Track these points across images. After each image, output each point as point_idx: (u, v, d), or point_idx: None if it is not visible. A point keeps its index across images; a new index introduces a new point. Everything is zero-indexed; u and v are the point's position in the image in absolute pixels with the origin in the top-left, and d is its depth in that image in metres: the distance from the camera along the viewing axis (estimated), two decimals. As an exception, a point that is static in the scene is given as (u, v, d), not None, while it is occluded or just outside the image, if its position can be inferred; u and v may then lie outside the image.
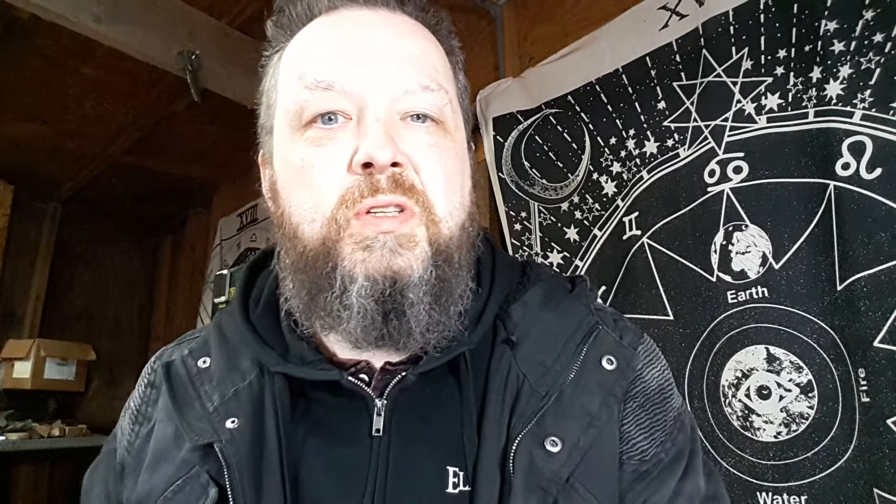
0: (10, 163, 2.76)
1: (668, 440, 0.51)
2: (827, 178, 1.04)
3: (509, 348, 0.50)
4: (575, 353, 0.50)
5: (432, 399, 0.49)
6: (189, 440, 0.48)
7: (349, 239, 0.44)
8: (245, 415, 0.48)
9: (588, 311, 0.54)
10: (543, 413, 0.46)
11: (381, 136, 0.44)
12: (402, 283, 0.44)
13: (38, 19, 1.52)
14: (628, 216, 1.35)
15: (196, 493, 0.47)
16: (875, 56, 1.00)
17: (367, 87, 0.46)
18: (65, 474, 2.95)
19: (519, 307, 0.53)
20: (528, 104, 1.59)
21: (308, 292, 0.47)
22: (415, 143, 0.47)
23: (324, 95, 0.46)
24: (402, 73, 0.47)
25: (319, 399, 0.50)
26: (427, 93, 0.47)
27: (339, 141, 0.46)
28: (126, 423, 0.57)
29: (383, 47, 0.48)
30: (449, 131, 0.50)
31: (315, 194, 0.46)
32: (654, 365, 0.54)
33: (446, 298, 0.46)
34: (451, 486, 0.46)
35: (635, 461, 0.49)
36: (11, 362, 2.76)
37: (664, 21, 1.32)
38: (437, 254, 0.46)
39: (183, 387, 0.52)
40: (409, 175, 0.46)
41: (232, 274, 2.28)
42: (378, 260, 0.44)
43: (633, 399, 0.51)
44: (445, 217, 0.47)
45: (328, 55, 0.47)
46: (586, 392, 0.48)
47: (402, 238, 0.44)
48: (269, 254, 0.60)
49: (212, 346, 0.55)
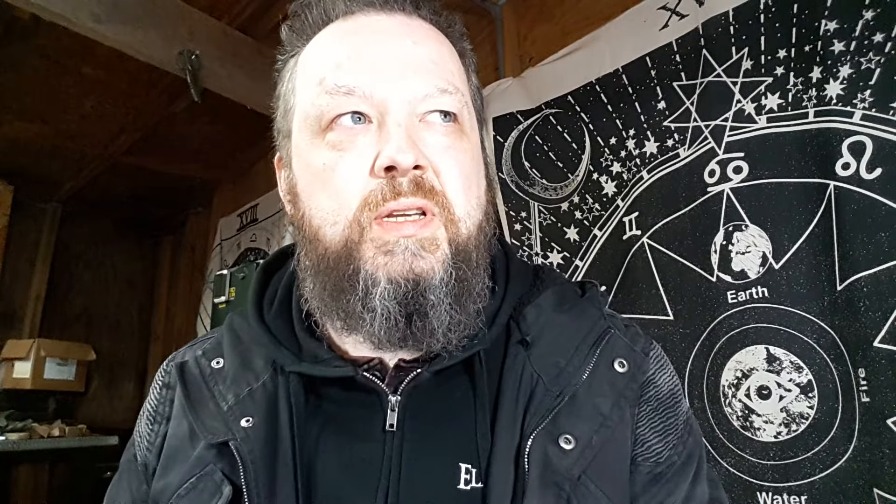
0: (10, 163, 2.76)
1: (679, 443, 0.52)
2: (827, 178, 1.04)
3: (524, 348, 0.52)
4: (588, 355, 0.52)
5: (446, 396, 0.51)
6: (203, 438, 0.49)
7: (371, 243, 0.45)
8: (259, 414, 0.49)
9: (600, 314, 0.56)
10: (558, 412, 0.48)
11: (404, 139, 0.45)
12: (424, 285, 0.45)
13: (38, 19, 1.52)
14: (628, 216, 1.35)
15: (210, 490, 0.47)
16: (875, 56, 1.00)
17: (387, 92, 0.47)
18: (65, 474, 2.95)
19: (533, 309, 0.54)
20: (528, 104, 1.60)
21: (330, 294, 0.48)
22: (434, 146, 0.48)
23: (345, 100, 0.47)
24: (421, 78, 0.48)
25: (332, 396, 0.51)
26: (445, 95, 0.49)
27: (361, 145, 0.47)
28: (144, 426, 0.57)
29: (402, 53, 0.49)
30: (465, 132, 0.51)
31: (337, 197, 0.47)
32: (664, 370, 0.55)
33: (465, 298, 0.48)
34: (464, 482, 0.46)
35: (650, 463, 0.51)
36: (11, 362, 2.76)
37: (664, 21, 1.32)
38: (457, 254, 0.47)
39: (197, 386, 0.53)
40: (429, 177, 0.47)
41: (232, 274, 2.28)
42: (400, 263, 0.45)
43: (646, 403, 0.53)
44: (464, 217, 0.48)
45: (349, 61, 0.48)
46: (599, 393, 0.50)
47: (423, 241, 0.45)
48: (284, 254, 0.61)
49: (225, 347, 0.56)
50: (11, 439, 2.49)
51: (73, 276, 3.33)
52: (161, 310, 3.56)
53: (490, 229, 0.53)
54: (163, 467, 0.52)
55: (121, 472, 0.58)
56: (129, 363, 3.41)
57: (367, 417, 0.49)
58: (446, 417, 0.50)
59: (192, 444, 0.51)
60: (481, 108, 0.58)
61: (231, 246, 2.88)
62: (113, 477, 0.59)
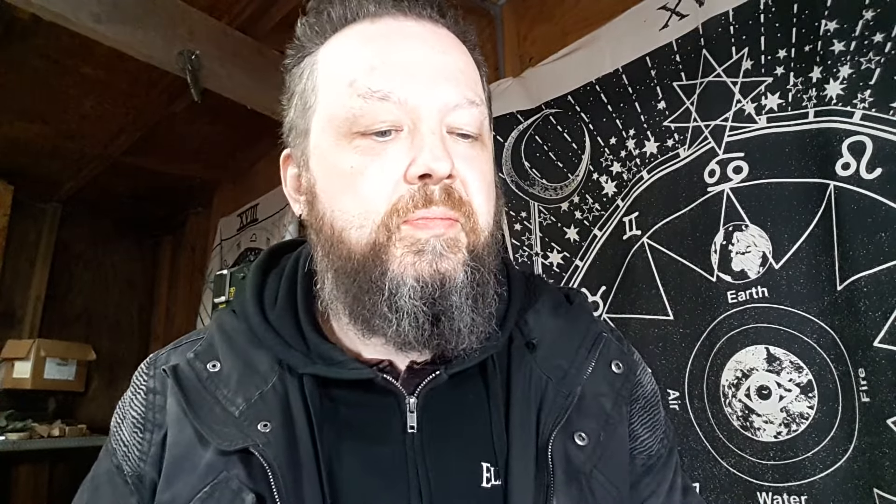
0: (10, 163, 2.76)
1: (664, 437, 0.58)
2: (827, 178, 1.04)
3: (529, 351, 0.54)
4: (588, 358, 0.54)
5: (461, 398, 0.52)
6: (216, 445, 0.47)
7: (400, 243, 0.46)
8: (276, 418, 0.48)
9: (592, 319, 0.59)
10: (570, 411, 0.50)
11: (440, 148, 0.46)
12: (449, 286, 0.46)
13: (38, 19, 1.52)
14: (628, 216, 1.35)
15: (227, 498, 0.46)
16: (875, 56, 1.00)
17: (421, 98, 0.47)
18: (65, 474, 2.95)
19: (533, 314, 0.56)
20: (528, 104, 1.59)
21: (354, 296, 0.48)
22: (460, 155, 0.48)
23: (379, 105, 0.47)
24: (452, 87, 0.49)
25: (346, 399, 0.51)
26: (473, 107, 0.49)
27: (393, 150, 0.47)
28: (127, 434, 0.53)
29: (434, 60, 0.49)
30: (485, 144, 0.52)
31: (365, 201, 0.46)
32: (646, 371, 0.61)
33: (482, 301, 0.49)
34: (485, 480, 0.48)
35: (644, 456, 0.56)
36: (11, 362, 2.76)
37: (664, 21, 1.32)
38: (474, 258, 0.48)
39: (195, 391, 0.51)
40: (458, 187, 0.48)
41: (232, 274, 2.28)
42: (429, 263, 0.45)
43: (636, 401, 0.57)
44: (484, 227, 0.49)
45: (382, 65, 0.48)
46: (600, 393, 0.53)
47: (449, 241, 0.46)
48: (277, 253, 0.61)
49: (219, 349, 0.54)
50: (11, 439, 2.49)
51: (73, 276, 3.33)
52: (161, 310, 3.56)
53: (500, 235, 0.54)
54: (167, 477, 0.49)
55: (97, 484, 0.54)
56: (129, 363, 3.40)
57: (384, 419, 0.50)
58: (462, 418, 0.51)
59: (198, 452, 0.48)
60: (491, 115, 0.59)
61: (231, 246, 2.88)
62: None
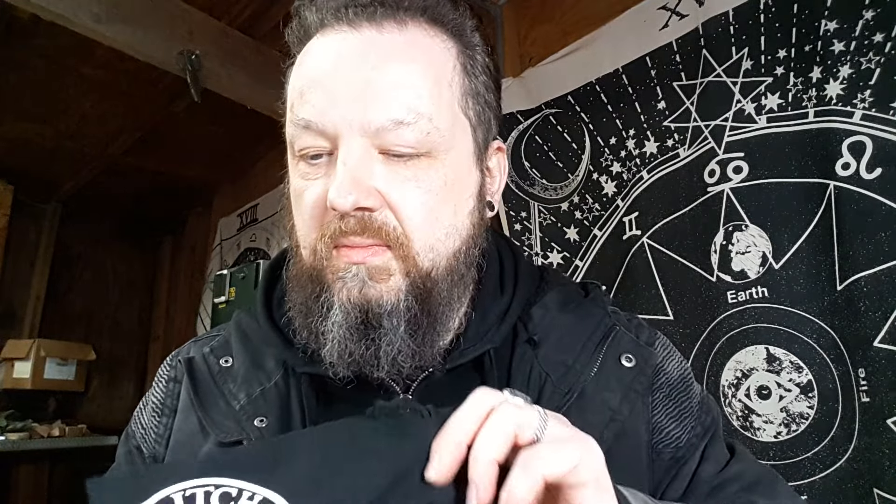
0: (10, 163, 2.76)
1: (697, 424, 0.54)
2: (827, 178, 1.04)
3: (531, 348, 0.53)
4: (595, 353, 0.53)
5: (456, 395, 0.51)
6: (214, 436, 0.49)
7: (330, 269, 0.47)
8: (273, 414, 0.50)
9: (605, 313, 0.57)
10: (567, 409, 0.49)
11: (345, 182, 0.44)
12: (374, 313, 0.46)
13: (38, 19, 1.52)
14: (628, 216, 1.35)
15: None
16: (875, 56, 1.00)
17: (339, 126, 0.46)
18: (65, 474, 2.95)
19: (539, 309, 0.55)
20: (528, 104, 1.59)
21: (299, 310, 0.50)
22: (393, 180, 0.46)
23: (304, 133, 0.47)
24: (376, 110, 0.45)
25: (342, 395, 0.51)
26: (402, 128, 0.45)
27: (322, 176, 0.48)
28: (148, 418, 0.57)
29: (360, 79, 0.46)
30: (436, 158, 0.47)
31: (304, 224, 0.49)
32: (672, 357, 0.57)
33: (426, 328, 0.48)
34: None
35: (671, 448, 0.53)
36: (11, 362, 2.76)
37: (664, 21, 1.32)
38: (414, 286, 0.47)
39: (205, 383, 0.53)
40: (379, 217, 0.46)
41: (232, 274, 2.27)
42: (357, 289, 0.46)
43: (659, 391, 0.55)
44: (425, 250, 0.47)
45: (308, 91, 0.48)
46: (607, 389, 0.51)
47: (372, 270, 0.46)
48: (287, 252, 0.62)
49: (233, 346, 0.56)
50: (11, 439, 2.49)
51: (73, 276, 3.32)
52: (161, 310, 3.56)
53: (475, 251, 0.52)
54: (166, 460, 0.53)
55: (117, 464, 0.57)
56: (129, 363, 3.41)
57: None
58: None
59: (199, 441, 0.51)
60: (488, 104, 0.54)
61: (231, 246, 2.88)
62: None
